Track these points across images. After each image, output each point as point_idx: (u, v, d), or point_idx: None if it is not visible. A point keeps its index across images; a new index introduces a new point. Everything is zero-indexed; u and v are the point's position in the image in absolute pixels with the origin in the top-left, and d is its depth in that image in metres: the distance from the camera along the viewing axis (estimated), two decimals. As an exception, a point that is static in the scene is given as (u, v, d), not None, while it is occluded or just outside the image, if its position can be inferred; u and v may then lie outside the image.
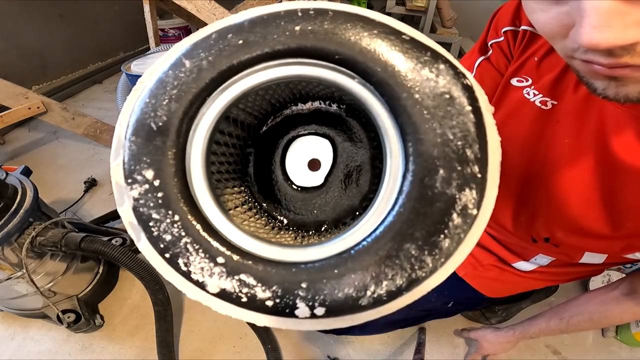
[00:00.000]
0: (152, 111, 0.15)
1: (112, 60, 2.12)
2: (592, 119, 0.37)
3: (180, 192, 0.14)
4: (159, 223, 0.14)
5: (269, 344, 0.74)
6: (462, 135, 0.15)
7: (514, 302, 0.80)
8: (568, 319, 0.53)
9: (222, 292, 0.14)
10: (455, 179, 0.15)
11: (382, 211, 0.15)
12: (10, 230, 0.58)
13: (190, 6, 1.45)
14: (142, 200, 0.15)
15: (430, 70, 0.15)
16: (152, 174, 0.14)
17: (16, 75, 1.47)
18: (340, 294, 0.14)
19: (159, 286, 0.71)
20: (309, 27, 0.15)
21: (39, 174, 1.21)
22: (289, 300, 0.14)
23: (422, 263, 0.15)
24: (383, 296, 0.15)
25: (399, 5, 2.20)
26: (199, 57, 0.15)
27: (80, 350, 0.75)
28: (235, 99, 0.16)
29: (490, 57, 0.49)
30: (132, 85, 0.89)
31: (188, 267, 0.15)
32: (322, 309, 0.14)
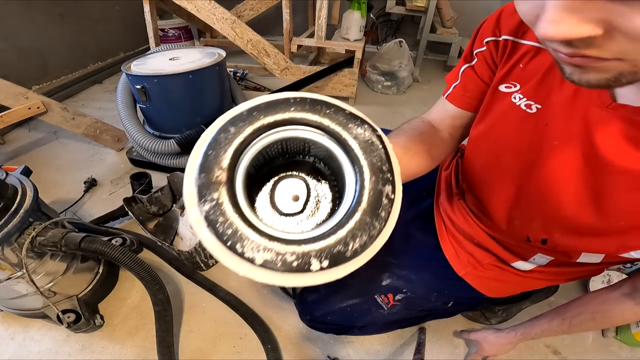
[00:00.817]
0: (213, 158, 0.25)
1: (112, 60, 2.12)
2: (578, 120, 0.38)
3: (234, 205, 0.25)
4: (222, 225, 0.24)
5: (269, 344, 0.75)
6: (379, 159, 0.28)
7: (514, 303, 0.80)
8: (570, 319, 0.53)
9: (265, 262, 0.23)
10: (381, 180, 0.27)
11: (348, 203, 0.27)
12: (10, 230, 0.58)
13: (190, 6, 1.45)
14: (211, 211, 0.24)
15: (361, 128, 0.29)
16: (217, 196, 0.24)
17: (16, 75, 1.47)
18: (334, 250, 0.25)
19: (159, 286, 0.71)
20: (298, 108, 0.28)
21: (39, 174, 1.21)
22: (306, 259, 0.24)
23: (373, 226, 0.26)
24: (357, 249, 0.25)
25: (399, 5, 2.20)
26: (238, 125, 0.27)
27: (80, 350, 0.75)
28: (261, 148, 0.28)
29: (475, 65, 0.51)
30: (132, 85, 0.89)
31: (242, 249, 0.24)
32: (326, 262, 0.24)
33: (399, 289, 0.63)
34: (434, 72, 2.34)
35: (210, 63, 1.06)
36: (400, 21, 2.59)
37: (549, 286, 0.78)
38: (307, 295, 0.67)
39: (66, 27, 1.77)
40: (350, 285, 0.65)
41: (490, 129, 0.49)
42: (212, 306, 0.84)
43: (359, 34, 1.75)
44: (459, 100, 0.54)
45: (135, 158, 1.26)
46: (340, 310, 0.63)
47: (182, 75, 1.01)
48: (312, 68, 1.67)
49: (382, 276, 0.64)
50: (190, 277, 0.88)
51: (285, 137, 0.28)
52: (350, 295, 0.64)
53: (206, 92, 1.12)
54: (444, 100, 0.56)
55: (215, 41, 2.28)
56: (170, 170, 1.13)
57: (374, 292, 0.63)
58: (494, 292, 0.62)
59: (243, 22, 1.52)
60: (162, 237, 0.97)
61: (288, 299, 0.86)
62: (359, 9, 1.70)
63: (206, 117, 1.14)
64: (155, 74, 0.99)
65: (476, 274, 0.60)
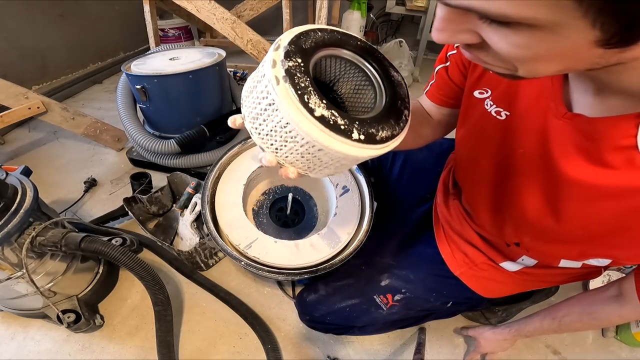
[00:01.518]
0: (300, 42, 0.31)
1: (112, 60, 2.12)
2: (537, 129, 0.38)
3: (308, 71, 0.30)
4: (299, 79, 0.28)
5: (269, 344, 0.75)
6: (404, 94, 0.36)
7: (514, 303, 0.80)
8: (560, 319, 0.54)
9: (321, 117, 0.28)
10: (403, 105, 0.34)
11: (384, 109, 0.33)
12: (10, 230, 0.58)
13: (190, 6, 1.45)
14: (292, 68, 0.29)
15: (397, 73, 0.36)
16: (300, 60, 0.29)
17: (16, 75, 1.47)
18: (370, 130, 0.30)
19: (159, 286, 0.71)
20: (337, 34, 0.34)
21: (39, 174, 1.21)
22: (351, 126, 0.29)
23: (395, 129, 0.32)
24: (384, 137, 0.31)
25: (399, 5, 2.20)
26: (318, 32, 0.33)
27: (80, 350, 0.75)
28: (327, 55, 0.34)
29: (448, 67, 0.52)
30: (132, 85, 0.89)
31: (308, 100, 0.28)
32: (363, 136, 0.29)
33: (397, 289, 0.63)
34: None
35: (210, 63, 1.06)
36: (400, 21, 2.59)
37: (548, 287, 0.78)
38: (307, 295, 0.67)
39: (66, 27, 1.77)
40: (350, 285, 0.65)
41: (468, 134, 0.51)
42: (212, 306, 0.84)
43: (359, 34, 1.75)
44: (435, 97, 0.57)
45: (135, 158, 1.26)
46: (339, 310, 0.63)
47: (182, 75, 1.01)
48: (312, 68, 1.67)
49: (381, 277, 0.64)
50: (190, 277, 0.88)
51: (335, 54, 0.35)
52: (349, 296, 0.64)
53: (206, 92, 1.11)
54: (424, 95, 0.59)
55: (215, 41, 2.28)
56: (170, 170, 1.13)
57: (373, 292, 0.63)
58: (489, 292, 0.62)
59: (243, 22, 1.52)
60: (162, 237, 0.97)
61: (288, 299, 0.86)
62: (359, 9, 1.70)
63: (206, 117, 1.14)
64: (155, 74, 0.99)
65: (471, 274, 0.60)
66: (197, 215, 0.90)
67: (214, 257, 0.92)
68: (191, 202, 0.92)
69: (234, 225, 0.67)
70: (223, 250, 0.63)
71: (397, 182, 0.77)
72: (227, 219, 0.67)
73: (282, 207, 0.81)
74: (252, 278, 0.91)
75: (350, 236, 0.68)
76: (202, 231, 0.91)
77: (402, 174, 0.76)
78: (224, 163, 0.74)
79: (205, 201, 0.68)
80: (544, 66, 0.24)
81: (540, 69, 0.25)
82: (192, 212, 0.90)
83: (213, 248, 0.89)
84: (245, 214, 0.68)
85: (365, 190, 0.72)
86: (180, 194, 1.03)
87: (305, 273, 0.63)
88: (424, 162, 0.76)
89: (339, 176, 0.72)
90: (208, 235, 0.83)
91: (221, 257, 0.94)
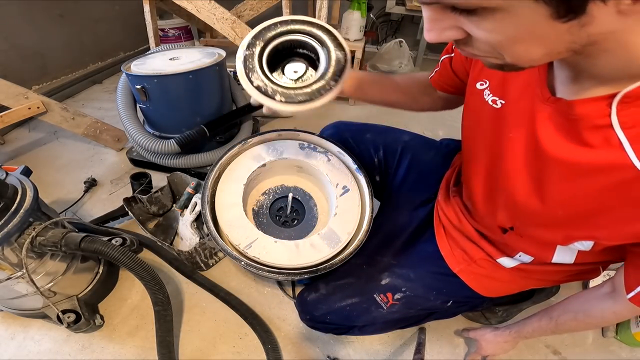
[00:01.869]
0: (254, 39, 0.47)
1: (112, 60, 2.12)
2: (526, 114, 0.41)
3: (259, 55, 0.46)
4: (250, 62, 0.46)
5: (269, 344, 0.75)
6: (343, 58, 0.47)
7: (515, 303, 0.80)
8: (556, 318, 0.54)
9: (257, 86, 0.45)
10: (333, 78, 0.46)
11: (316, 75, 0.47)
12: (10, 230, 0.58)
13: (190, 6, 1.45)
14: (247, 56, 0.46)
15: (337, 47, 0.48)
16: (253, 50, 0.46)
17: (16, 75, 1.47)
18: (289, 94, 0.46)
19: (159, 286, 0.71)
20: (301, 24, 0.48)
21: (39, 174, 1.21)
22: (274, 92, 0.46)
23: (317, 93, 0.46)
24: (302, 100, 0.46)
25: (399, 5, 2.20)
26: (269, 29, 0.47)
27: (80, 350, 0.75)
28: (277, 43, 0.48)
29: (453, 58, 0.57)
30: (132, 85, 0.90)
31: (251, 76, 0.46)
32: (283, 98, 0.46)
33: (398, 287, 0.63)
34: (434, 72, 2.34)
35: (210, 63, 1.06)
36: (400, 21, 2.59)
37: (548, 287, 0.78)
38: (308, 294, 0.67)
39: (66, 27, 1.77)
40: (350, 284, 0.65)
41: (469, 124, 0.54)
42: (212, 306, 0.84)
43: (359, 34, 1.75)
44: (437, 83, 0.63)
45: (135, 158, 1.26)
46: (339, 309, 0.63)
47: (182, 75, 1.01)
48: (312, 68, 1.67)
49: (382, 275, 0.64)
50: (190, 277, 0.88)
51: (291, 39, 0.48)
52: (349, 295, 0.64)
53: (206, 92, 1.11)
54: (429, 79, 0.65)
55: (215, 41, 2.28)
56: (170, 170, 1.13)
57: (373, 291, 0.63)
58: (488, 290, 0.62)
59: (243, 22, 1.52)
60: (162, 237, 0.97)
61: (288, 299, 0.86)
62: (359, 9, 1.69)
63: (206, 117, 1.14)
64: (155, 74, 0.99)
65: (470, 271, 0.60)
66: (197, 215, 0.90)
67: (214, 257, 0.92)
68: (191, 202, 0.92)
69: (234, 225, 0.67)
70: (223, 250, 0.63)
71: (403, 182, 0.77)
72: (227, 219, 0.67)
73: (282, 207, 0.81)
74: (252, 278, 0.91)
75: (350, 236, 0.68)
76: (202, 231, 0.91)
77: (408, 174, 0.76)
78: (224, 163, 0.74)
79: (205, 201, 0.68)
80: (524, 49, 0.27)
81: (522, 53, 0.28)
82: (192, 212, 0.90)
83: (213, 248, 0.89)
84: (246, 214, 0.68)
85: (365, 190, 0.72)
86: (180, 194, 1.03)
87: (306, 273, 0.63)
88: (430, 164, 0.76)
89: (339, 176, 0.72)
90: (208, 235, 0.83)
91: (221, 257, 0.94)
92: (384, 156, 0.78)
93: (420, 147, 0.78)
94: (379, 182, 0.80)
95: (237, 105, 1.35)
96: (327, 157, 0.74)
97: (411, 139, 0.79)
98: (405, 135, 0.80)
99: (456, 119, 1.74)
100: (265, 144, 0.76)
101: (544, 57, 0.29)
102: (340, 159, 0.75)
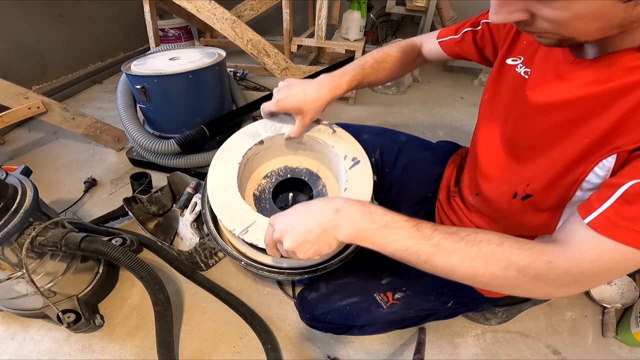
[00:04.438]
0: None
1: (112, 60, 2.12)
2: (551, 75, 0.44)
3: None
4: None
5: (269, 344, 0.75)
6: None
7: (515, 305, 0.80)
8: (463, 237, 0.38)
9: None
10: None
11: None
12: (10, 230, 0.58)
13: (190, 6, 1.45)
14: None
15: None
16: None
17: (16, 75, 1.47)
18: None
19: (159, 286, 0.71)
20: None
21: (39, 174, 1.21)
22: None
23: None
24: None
25: (399, 5, 2.20)
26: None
27: (80, 350, 0.75)
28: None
29: (477, 31, 0.61)
30: (132, 85, 0.88)
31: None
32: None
33: (398, 287, 0.63)
34: (434, 72, 2.34)
35: (210, 63, 1.06)
36: (400, 21, 2.58)
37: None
38: (308, 293, 0.67)
39: (66, 27, 1.77)
40: (351, 283, 0.65)
41: (494, 95, 0.56)
42: (212, 306, 0.84)
43: (359, 34, 1.75)
44: (449, 48, 0.66)
45: (135, 158, 1.26)
46: (340, 308, 0.63)
47: (182, 75, 1.01)
48: (312, 68, 1.67)
49: (382, 274, 0.65)
50: (190, 277, 0.88)
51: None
52: (350, 294, 0.64)
53: (206, 92, 1.12)
54: (436, 42, 0.68)
55: (215, 41, 2.28)
56: (170, 170, 1.13)
57: (374, 290, 0.63)
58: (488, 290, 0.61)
59: (243, 22, 1.52)
60: (162, 237, 0.97)
61: (288, 299, 0.86)
62: (359, 9, 1.69)
63: (206, 117, 1.14)
64: (155, 74, 0.99)
65: None
66: (197, 215, 0.90)
67: (214, 257, 0.92)
68: (191, 202, 0.92)
69: (228, 208, 0.58)
70: (223, 250, 0.63)
71: (400, 181, 0.77)
72: (219, 202, 0.59)
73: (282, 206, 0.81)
74: (252, 278, 0.91)
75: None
76: (202, 231, 0.91)
77: (405, 173, 0.77)
78: (224, 163, 0.73)
79: (205, 201, 0.68)
80: (585, 24, 0.30)
81: (583, 27, 0.31)
82: (192, 212, 0.90)
83: (213, 248, 0.89)
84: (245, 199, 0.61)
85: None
86: (180, 194, 1.03)
87: (306, 273, 0.63)
88: (426, 162, 0.77)
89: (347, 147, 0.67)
90: (208, 235, 0.83)
91: (221, 257, 0.94)
92: (380, 156, 0.79)
93: (416, 147, 0.79)
94: (376, 182, 0.80)
95: (237, 105, 1.35)
96: (331, 129, 0.68)
97: (407, 140, 0.80)
98: (401, 136, 0.81)
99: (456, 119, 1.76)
100: (262, 120, 0.69)
101: (598, 31, 0.31)
102: None
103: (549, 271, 0.34)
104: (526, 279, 0.35)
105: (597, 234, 0.32)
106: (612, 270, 0.33)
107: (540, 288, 0.36)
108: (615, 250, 0.31)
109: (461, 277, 0.38)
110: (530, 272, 0.35)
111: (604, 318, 0.85)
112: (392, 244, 0.39)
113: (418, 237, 0.38)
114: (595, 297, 0.88)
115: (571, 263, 0.33)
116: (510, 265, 0.35)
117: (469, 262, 0.36)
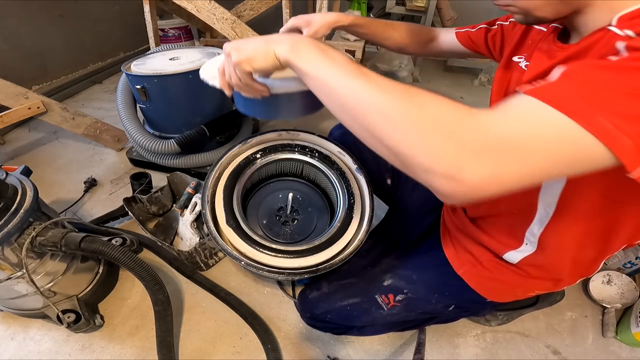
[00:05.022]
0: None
1: (112, 60, 2.12)
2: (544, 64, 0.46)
3: None
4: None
5: (269, 344, 0.75)
6: None
7: (517, 310, 0.80)
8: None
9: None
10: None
11: None
12: (10, 230, 0.58)
13: (190, 6, 1.45)
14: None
15: None
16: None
17: (16, 75, 1.47)
18: None
19: (159, 286, 0.71)
20: None
21: (39, 174, 1.21)
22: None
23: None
24: None
25: (399, 5, 2.20)
26: None
27: (80, 350, 0.75)
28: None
29: (491, 30, 0.66)
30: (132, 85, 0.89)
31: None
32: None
33: (400, 289, 0.63)
34: (434, 72, 2.34)
35: (210, 63, 1.06)
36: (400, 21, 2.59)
37: (553, 294, 0.78)
38: (309, 292, 0.68)
39: (66, 27, 1.77)
40: (352, 284, 0.65)
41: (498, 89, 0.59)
42: (212, 306, 0.84)
43: (359, 34, 1.76)
44: (464, 40, 0.71)
45: (135, 158, 1.26)
46: (340, 308, 0.63)
47: (182, 75, 1.01)
48: (312, 68, 1.67)
49: (384, 276, 0.64)
50: (190, 277, 0.88)
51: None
52: (351, 294, 0.64)
53: (206, 92, 1.11)
54: (453, 33, 0.73)
55: (215, 41, 2.27)
56: (170, 170, 1.13)
57: (375, 291, 0.63)
58: (493, 294, 0.61)
59: (243, 22, 1.52)
60: (162, 237, 0.97)
61: (288, 299, 0.86)
62: (359, 9, 1.70)
63: (206, 117, 1.14)
64: (155, 74, 0.99)
65: (474, 272, 0.60)
66: (197, 215, 0.90)
67: (214, 257, 0.92)
68: (191, 202, 0.92)
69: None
70: (223, 250, 0.63)
71: (414, 188, 0.77)
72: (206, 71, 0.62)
73: (282, 207, 0.81)
74: (252, 278, 0.91)
75: (350, 236, 0.68)
76: (202, 231, 0.91)
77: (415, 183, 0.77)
78: (224, 163, 0.74)
79: (205, 201, 0.68)
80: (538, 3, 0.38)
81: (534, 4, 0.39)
82: (192, 212, 0.90)
83: (213, 248, 0.89)
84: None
85: (365, 190, 0.72)
86: (180, 194, 1.03)
87: (306, 273, 0.63)
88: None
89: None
90: (208, 235, 0.83)
91: (221, 257, 0.94)
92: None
93: None
94: (390, 185, 0.80)
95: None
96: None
97: None
98: None
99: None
100: None
101: (547, 5, 0.38)
102: (340, 158, 0.75)
103: (466, 122, 0.29)
104: (435, 126, 0.29)
105: (531, 98, 0.29)
106: (539, 143, 0.27)
107: (449, 148, 0.28)
108: (548, 116, 0.27)
109: (365, 103, 0.31)
110: (445, 119, 0.30)
111: (604, 318, 0.85)
112: (322, 68, 0.35)
113: (354, 68, 0.34)
114: (595, 297, 0.88)
115: (494, 119, 0.29)
116: (426, 104, 0.30)
117: (389, 93, 0.31)
